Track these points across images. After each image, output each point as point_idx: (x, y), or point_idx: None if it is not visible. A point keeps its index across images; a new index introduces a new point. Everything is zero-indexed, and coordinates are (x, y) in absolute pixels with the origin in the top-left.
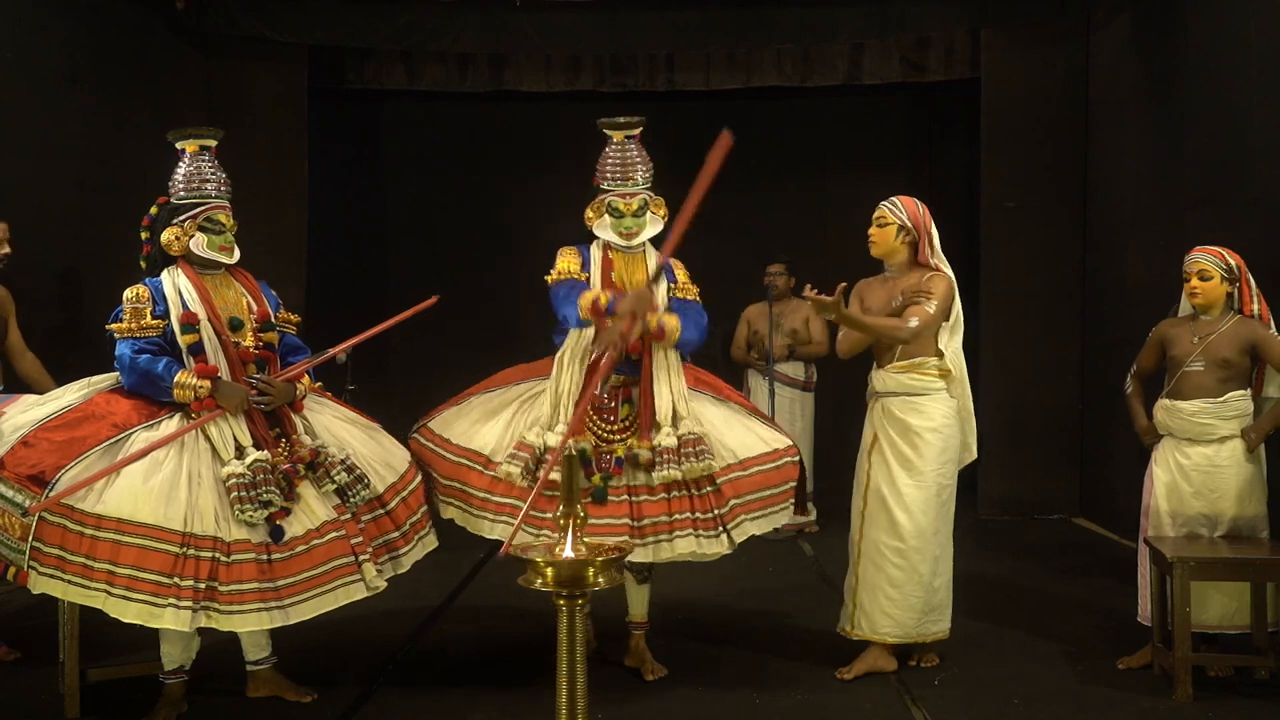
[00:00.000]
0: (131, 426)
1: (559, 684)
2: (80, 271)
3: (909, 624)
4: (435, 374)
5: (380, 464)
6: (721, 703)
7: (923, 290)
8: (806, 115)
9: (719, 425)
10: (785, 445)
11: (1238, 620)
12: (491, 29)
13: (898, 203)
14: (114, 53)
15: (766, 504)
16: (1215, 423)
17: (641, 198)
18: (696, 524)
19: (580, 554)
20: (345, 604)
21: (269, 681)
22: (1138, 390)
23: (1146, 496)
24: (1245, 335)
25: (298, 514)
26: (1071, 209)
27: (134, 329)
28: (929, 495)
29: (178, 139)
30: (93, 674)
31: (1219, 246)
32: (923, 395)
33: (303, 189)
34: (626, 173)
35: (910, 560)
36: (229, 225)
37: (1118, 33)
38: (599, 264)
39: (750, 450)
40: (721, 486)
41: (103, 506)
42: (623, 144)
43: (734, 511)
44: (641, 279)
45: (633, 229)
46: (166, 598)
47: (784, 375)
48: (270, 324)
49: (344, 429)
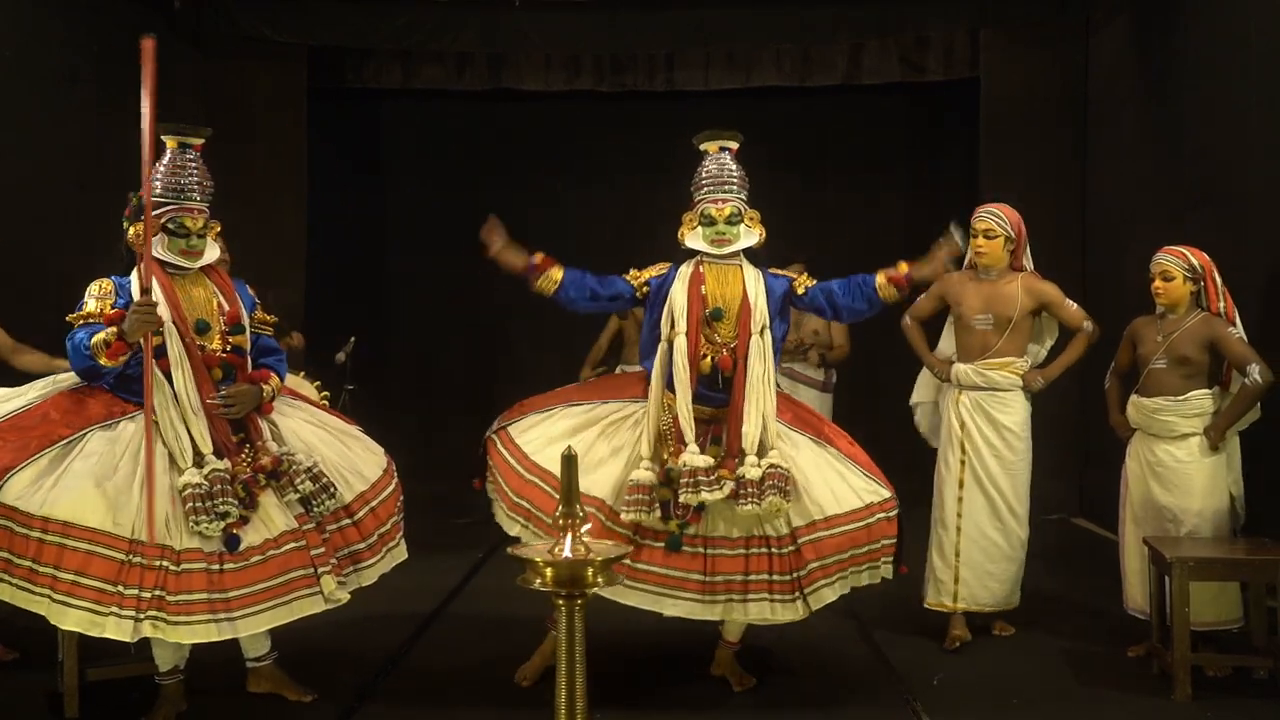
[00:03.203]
0: (88, 426)
1: (558, 685)
2: (79, 271)
3: (1001, 595)
4: (435, 373)
5: (350, 472)
6: (720, 703)
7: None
8: (806, 115)
9: (809, 473)
10: (881, 499)
11: (1226, 617)
12: (490, 28)
13: (1001, 214)
14: (113, 52)
15: (848, 565)
16: (1175, 420)
17: (735, 205)
18: (773, 586)
19: (579, 554)
20: (303, 616)
21: (270, 678)
22: (1115, 386)
23: (1122, 489)
24: (1206, 333)
25: (256, 523)
26: (1070, 209)
27: (90, 314)
28: (1020, 483)
29: (163, 133)
30: (92, 674)
31: (1185, 246)
32: (1008, 391)
33: (301, 188)
34: (721, 180)
35: (1010, 540)
36: (195, 229)
37: (1117, 33)
38: (687, 279)
39: (841, 505)
40: (802, 547)
41: (49, 508)
42: (718, 155)
43: (812, 575)
44: (736, 289)
45: (725, 235)
46: (109, 606)
47: (803, 375)
48: (240, 327)
49: (314, 434)
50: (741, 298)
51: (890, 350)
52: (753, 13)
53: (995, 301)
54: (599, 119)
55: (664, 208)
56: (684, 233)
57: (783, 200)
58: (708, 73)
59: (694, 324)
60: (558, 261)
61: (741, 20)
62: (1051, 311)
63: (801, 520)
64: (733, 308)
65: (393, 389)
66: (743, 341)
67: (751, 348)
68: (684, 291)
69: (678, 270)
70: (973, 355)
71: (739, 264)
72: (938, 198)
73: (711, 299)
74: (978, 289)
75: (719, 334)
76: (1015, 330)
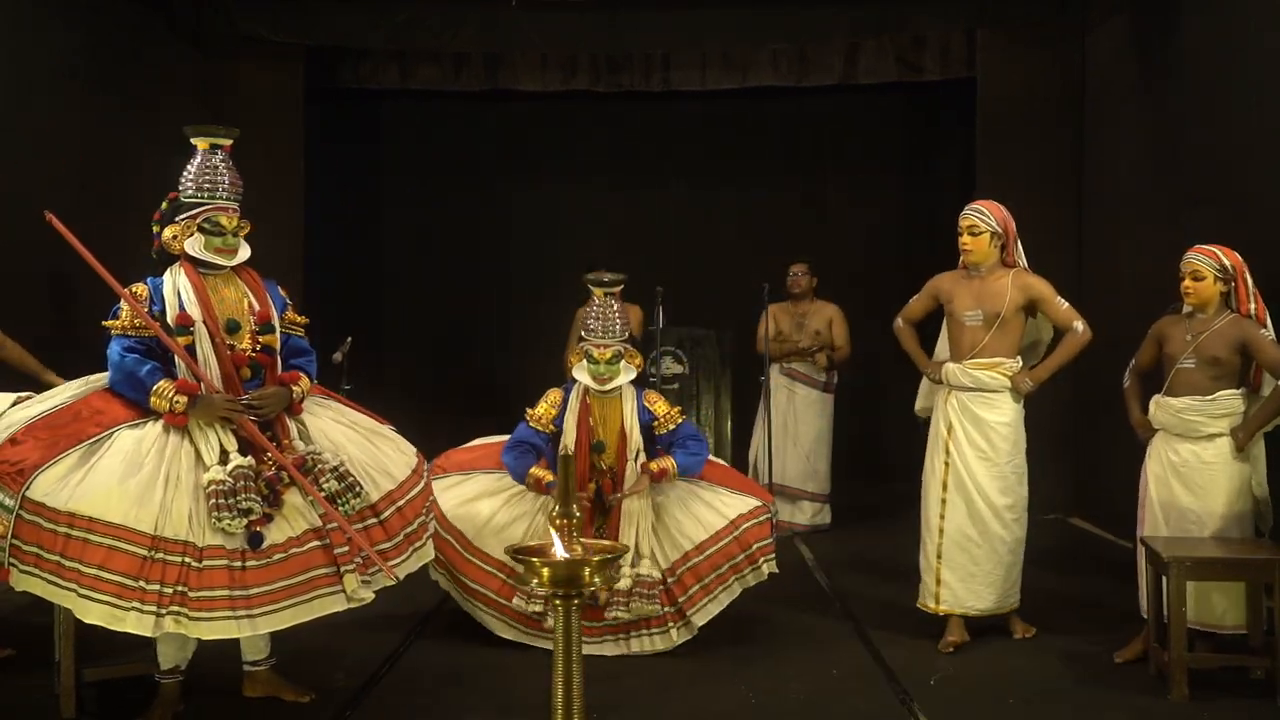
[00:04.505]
0: (117, 425)
1: (555, 684)
2: (76, 270)
3: (990, 599)
4: (431, 373)
5: (377, 471)
6: (719, 703)
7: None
8: (803, 115)
9: (676, 512)
10: (750, 508)
11: (1228, 620)
12: (488, 28)
13: (985, 210)
14: (112, 52)
15: (729, 576)
16: (1203, 420)
17: (616, 349)
18: (650, 624)
19: (576, 555)
20: (324, 615)
21: (266, 682)
22: (1134, 385)
23: (1142, 491)
24: (1237, 335)
25: (279, 521)
26: (1067, 208)
27: (127, 327)
28: (1007, 484)
29: (193, 134)
30: (89, 673)
31: (1217, 246)
32: (996, 392)
33: (299, 188)
34: (604, 326)
35: (993, 543)
36: (230, 227)
37: (1114, 32)
38: (576, 409)
39: (708, 530)
40: (682, 576)
41: (74, 504)
42: (604, 300)
43: (694, 598)
44: (616, 421)
45: (605, 375)
46: (130, 600)
47: (804, 376)
48: (270, 326)
49: (342, 433)
50: (620, 430)
51: (891, 351)
52: (749, 13)
53: (985, 297)
54: (596, 119)
55: (662, 208)
56: (571, 363)
57: (780, 201)
58: (704, 73)
59: (583, 453)
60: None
61: (738, 20)
62: (1041, 308)
63: (676, 554)
64: (613, 438)
65: (389, 389)
66: (621, 467)
67: (628, 473)
68: (574, 425)
69: (569, 399)
70: (963, 353)
71: (619, 396)
72: (935, 198)
73: (596, 432)
74: (968, 285)
75: (603, 461)
76: (1005, 326)
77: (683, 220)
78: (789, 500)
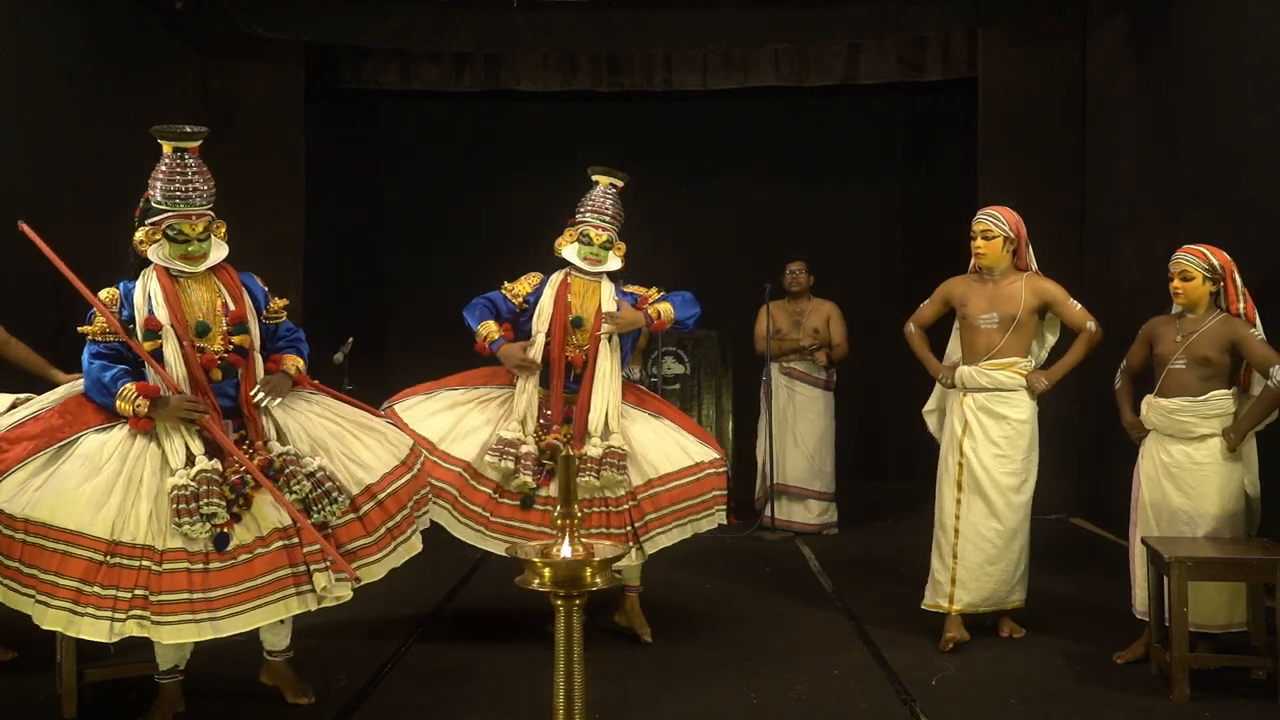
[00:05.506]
0: (85, 429)
1: (556, 684)
2: (74, 270)
3: (999, 596)
4: (432, 373)
5: (356, 465)
6: (719, 703)
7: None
8: (803, 115)
9: (645, 440)
10: (711, 459)
11: (1218, 619)
12: (488, 28)
13: (998, 215)
14: (110, 52)
15: (685, 514)
16: (1194, 420)
17: (610, 235)
18: (610, 538)
19: (578, 554)
20: (290, 615)
21: (278, 674)
22: (1126, 386)
23: (1134, 491)
24: (1226, 334)
25: (247, 521)
26: (1068, 209)
27: (98, 333)
28: (1021, 481)
29: (159, 136)
30: (90, 674)
31: (1205, 246)
32: (1014, 390)
33: (299, 188)
34: (604, 211)
35: (1006, 540)
36: (194, 234)
37: (1114, 33)
38: (556, 285)
39: (673, 464)
40: (641, 502)
41: (29, 510)
42: (607, 189)
43: (648, 526)
44: (594, 303)
45: (598, 257)
46: (85, 606)
47: (804, 374)
48: (243, 326)
49: (324, 429)
50: (597, 309)
51: (891, 350)
52: (750, 13)
53: (1000, 301)
54: (596, 119)
55: (661, 208)
56: (561, 244)
57: (781, 200)
58: (705, 73)
59: (559, 328)
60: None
61: (739, 20)
62: (1055, 310)
63: (639, 479)
64: (590, 317)
65: (390, 389)
66: (594, 345)
67: (600, 350)
68: (551, 299)
69: (548, 280)
70: (978, 356)
71: (600, 281)
72: (936, 198)
73: (574, 308)
74: (982, 289)
75: (576, 339)
76: (1019, 329)
77: (683, 220)
78: (794, 500)
